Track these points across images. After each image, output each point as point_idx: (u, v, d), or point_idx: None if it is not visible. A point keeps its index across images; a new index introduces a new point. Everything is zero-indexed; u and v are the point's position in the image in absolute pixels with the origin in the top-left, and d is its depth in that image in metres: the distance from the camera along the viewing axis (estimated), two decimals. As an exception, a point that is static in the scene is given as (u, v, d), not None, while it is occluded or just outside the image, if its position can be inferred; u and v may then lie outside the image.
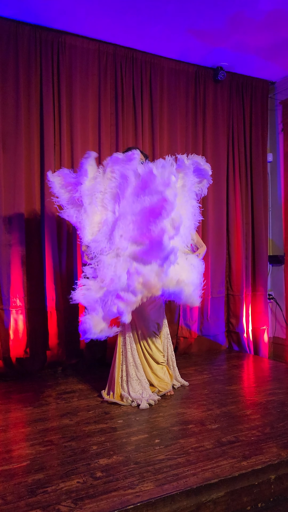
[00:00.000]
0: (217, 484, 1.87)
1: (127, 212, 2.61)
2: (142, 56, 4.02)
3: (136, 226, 2.57)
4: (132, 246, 2.59)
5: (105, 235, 2.66)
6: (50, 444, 2.26)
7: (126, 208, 2.63)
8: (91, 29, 3.65)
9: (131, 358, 2.90)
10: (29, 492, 1.80)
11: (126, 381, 2.87)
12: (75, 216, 2.78)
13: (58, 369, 3.66)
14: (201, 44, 3.92)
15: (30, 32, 3.56)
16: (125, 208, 2.63)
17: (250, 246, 4.62)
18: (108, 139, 3.90)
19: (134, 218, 2.58)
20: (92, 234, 2.72)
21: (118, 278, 2.51)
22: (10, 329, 3.47)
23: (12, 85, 3.50)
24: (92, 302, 2.55)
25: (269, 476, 1.97)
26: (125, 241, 2.60)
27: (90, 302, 2.55)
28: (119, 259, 2.59)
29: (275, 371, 3.72)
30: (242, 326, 4.50)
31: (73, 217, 2.79)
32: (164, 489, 1.81)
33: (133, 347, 2.92)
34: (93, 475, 1.93)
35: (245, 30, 3.66)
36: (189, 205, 2.79)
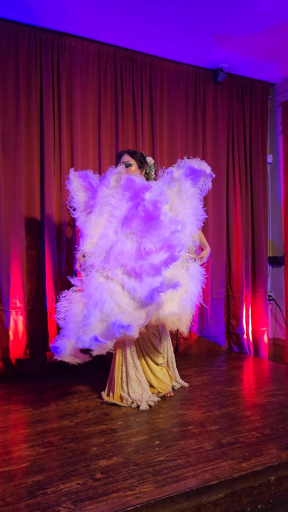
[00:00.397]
0: (217, 486, 1.86)
1: (126, 239, 2.61)
2: (142, 58, 4.02)
3: (131, 257, 2.56)
4: (122, 275, 2.57)
5: (101, 250, 2.66)
6: (49, 446, 2.26)
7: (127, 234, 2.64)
8: (91, 30, 3.66)
9: (131, 359, 2.89)
10: (29, 494, 1.80)
11: (126, 382, 2.87)
12: (82, 221, 2.78)
13: (58, 371, 3.66)
14: (201, 46, 3.92)
15: (30, 33, 3.57)
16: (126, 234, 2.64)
17: (250, 247, 4.62)
18: (108, 140, 3.91)
19: (130, 248, 2.57)
20: (91, 244, 2.71)
21: (102, 303, 2.50)
22: (10, 330, 3.47)
23: (12, 87, 3.50)
24: (68, 326, 2.53)
25: (269, 478, 1.97)
26: (117, 266, 2.59)
27: (66, 325, 2.55)
28: (109, 282, 2.57)
29: (275, 372, 3.72)
30: (242, 327, 4.50)
31: (80, 221, 2.80)
32: (164, 490, 1.80)
33: (133, 348, 2.91)
34: (93, 477, 1.93)
35: (245, 31, 3.67)
36: (187, 208, 2.78)
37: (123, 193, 2.71)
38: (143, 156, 3.05)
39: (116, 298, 2.51)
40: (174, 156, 4.19)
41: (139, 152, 3.07)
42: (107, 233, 2.70)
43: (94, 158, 3.86)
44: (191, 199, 2.82)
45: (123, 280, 2.54)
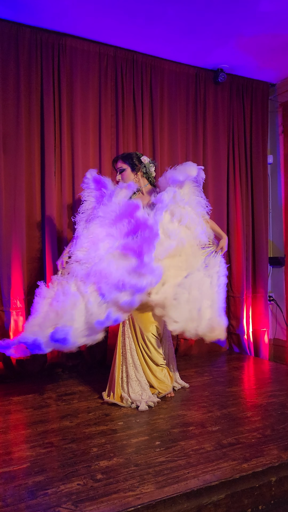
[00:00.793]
0: (217, 486, 1.86)
1: (109, 259, 2.63)
2: (143, 58, 4.03)
3: (105, 277, 2.57)
4: (90, 293, 2.58)
5: (87, 261, 2.68)
6: (50, 446, 2.26)
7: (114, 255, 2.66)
8: (92, 31, 3.66)
9: (131, 359, 2.90)
10: (30, 494, 1.80)
11: (126, 382, 2.88)
12: (82, 227, 2.82)
13: (58, 371, 3.66)
14: (201, 46, 3.92)
15: (31, 34, 3.57)
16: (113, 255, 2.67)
17: (250, 248, 4.62)
18: (109, 141, 3.91)
19: (108, 269, 2.59)
20: (82, 251, 2.74)
21: (64, 312, 2.52)
22: (11, 331, 3.47)
23: (12, 87, 3.51)
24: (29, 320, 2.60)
25: (269, 479, 1.97)
26: (91, 282, 2.59)
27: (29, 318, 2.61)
28: (78, 295, 2.58)
29: (275, 373, 3.71)
30: (243, 327, 4.50)
31: (80, 226, 2.84)
32: (165, 491, 1.80)
33: (133, 348, 2.92)
34: (93, 477, 1.93)
35: (245, 32, 3.67)
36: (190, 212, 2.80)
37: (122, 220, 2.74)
38: (137, 156, 3.05)
39: (76, 313, 2.52)
40: (174, 156, 4.19)
41: (133, 153, 3.08)
42: (99, 247, 2.71)
43: (95, 158, 3.86)
44: (190, 202, 2.83)
45: (89, 299, 2.55)
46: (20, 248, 3.51)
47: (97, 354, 3.83)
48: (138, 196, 3.02)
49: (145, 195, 3.04)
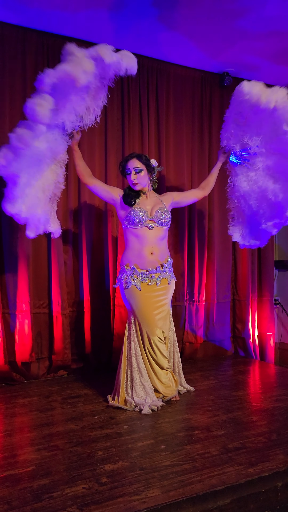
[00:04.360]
0: (223, 491, 1.85)
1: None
2: (149, 62, 4.04)
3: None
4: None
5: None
6: (55, 449, 2.26)
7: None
8: (98, 35, 3.67)
9: (135, 363, 2.90)
10: (35, 498, 1.80)
11: (131, 386, 2.87)
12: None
13: (63, 374, 3.66)
14: (207, 50, 3.93)
15: (38, 38, 3.59)
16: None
17: (256, 251, 4.61)
18: (114, 145, 3.92)
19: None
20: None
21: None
22: (16, 333, 3.48)
23: (20, 92, 3.52)
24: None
25: (276, 484, 1.96)
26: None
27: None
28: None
29: (281, 377, 3.70)
30: (248, 331, 4.48)
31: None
32: (170, 495, 1.80)
33: (138, 352, 2.92)
34: (98, 481, 1.92)
35: (251, 36, 3.67)
36: None
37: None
38: (148, 159, 3.03)
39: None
40: (180, 160, 4.19)
41: (143, 154, 3.07)
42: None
43: (101, 162, 3.87)
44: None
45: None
46: (25, 251, 3.52)
47: (102, 357, 3.83)
48: (142, 199, 3.00)
49: (148, 199, 3.02)
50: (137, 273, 2.92)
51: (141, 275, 2.91)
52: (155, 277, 2.93)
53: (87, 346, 3.73)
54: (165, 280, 2.99)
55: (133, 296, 2.93)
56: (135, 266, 2.93)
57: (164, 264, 2.99)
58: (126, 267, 2.96)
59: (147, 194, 3.03)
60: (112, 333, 3.84)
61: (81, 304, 3.74)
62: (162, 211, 2.97)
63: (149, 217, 2.93)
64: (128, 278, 2.93)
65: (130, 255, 2.97)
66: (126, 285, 2.94)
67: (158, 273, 2.94)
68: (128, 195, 2.98)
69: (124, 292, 2.97)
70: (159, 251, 2.98)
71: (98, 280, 3.86)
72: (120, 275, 3.02)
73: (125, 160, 3.01)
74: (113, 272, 3.86)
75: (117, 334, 3.82)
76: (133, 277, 2.92)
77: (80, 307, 3.74)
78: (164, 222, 2.97)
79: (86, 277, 3.73)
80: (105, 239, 3.85)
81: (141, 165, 2.94)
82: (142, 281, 2.91)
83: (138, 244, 2.94)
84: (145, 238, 2.93)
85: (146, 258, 2.93)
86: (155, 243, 2.95)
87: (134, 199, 2.96)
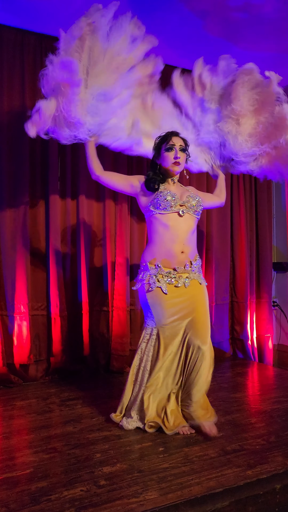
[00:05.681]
0: (221, 493, 1.85)
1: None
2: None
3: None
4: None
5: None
6: (53, 452, 2.25)
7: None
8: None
9: (141, 380, 2.52)
10: (33, 500, 1.79)
11: (133, 405, 2.53)
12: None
13: (61, 376, 3.65)
14: (206, 52, 3.93)
15: (36, 41, 3.59)
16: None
17: (254, 253, 4.61)
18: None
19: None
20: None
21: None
22: (14, 335, 3.47)
23: (18, 94, 3.52)
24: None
25: (274, 486, 1.95)
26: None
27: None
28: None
29: (280, 379, 3.69)
30: (247, 333, 4.48)
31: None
32: (168, 498, 1.79)
33: (147, 369, 2.51)
34: (96, 483, 1.92)
35: (249, 38, 3.68)
36: None
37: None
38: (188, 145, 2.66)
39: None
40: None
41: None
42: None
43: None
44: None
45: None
46: (24, 253, 3.52)
47: (101, 359, 3.82)
48: (168, 185, 2.57)
49: (174, 186, 2.58)
50: (163, 272, 2.44)
51: (167, 275, 2.43)
52: (183, 278, 2.45)
53: (86, 348, 3.72)
54: (195, 282, 2.50)
55: (158, 302, 2.42)
56: (161, 264, 2.45)
57: (193, 262, 2.51)
58: (150, 264, 2.47)
59: (174, 182, 2.59)
60: (111, 335, 3.84)
61: (79, 306, 3.73)
62: (193, 199, 2.52)
63: (179, 201, 2.47)
64: (151, 278, 2.44)
65: (156, 249, 2.48)
66: (149, 287, 2.44)
67: (186, 272, 2.47)
68: (151, 180, 2.52)
69: (145, 296, 2.46)
70: (190, 249, 2.50)
71: (97, 282, 3.85)
72: (141, 274, 2.51)
73: (168, 134, 2.55)
74: (111, 274, 3.86)
75: (115, 336, 3.82)
76: (157, 277, 2.43)
77: (79, 309, 3.74)
78: (196, 210, 2.53)
79: (84, 279, 3.72)
80: (103, 240, 3.85)
81: (185, 146, 2.55)
82: (168, 282, 2.42)
83: (167, 237, 2.45)
84: (175, 230, 2.45)
85: (176, 257, 2.45)
86: (186, 237, 2.47)
87: (158, 183, 2.52)
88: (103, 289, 3.86)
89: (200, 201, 2.55)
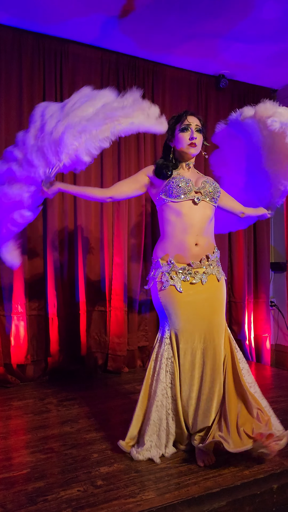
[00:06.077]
0: (219, 493, 1.85)
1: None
2: (145, 64, 4.04)
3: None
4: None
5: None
6: (50, 452, 2.24)
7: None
8: (94, 37, 3.68)
9: (161, 401, 2.17)
10: (29, 501, 1.79)
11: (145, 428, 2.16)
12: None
13: (59, 376, 3.64)
14: (203, 52, 3.94)
15: (34, 40, 3.59)
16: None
17: (252, 253, 4.62)
18: (110, 147, 3.88)
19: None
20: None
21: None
22: (11, 336, 3.46)
23: (15, 94, 3.52)
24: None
25: (271, 486, 1.95)
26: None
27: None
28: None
29: (277, 378, 3.70)
30: (244, 333, 4.48)
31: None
32: (166, 498, 1.79)
33: (168, 381, 2.21)
34: (93, 484, 1.91)
35: (247, 38, 3.68)
36: None
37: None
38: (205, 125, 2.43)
39: None
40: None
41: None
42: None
43: (97, 165, 3.86)
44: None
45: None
46: (21, 253, 3.50)
47: (98, 359, 3.81)
48: (182, 171, 2.32)
49: (189, 172, 2.33)
50: (176, 268, 2.20)
51: (181, 271, 2.19)
52: (199, 273, 2.20)
53: (83, 348, 3.72)
54: (213, 277, 2.25)
55: (171, 301, 2.19)
56: (174, 259, 2.22)
57: (210, 255, 2.26)
58: (162, 261, 2.24)
59: (190, 166, 2.33)
60: (108, 335, 3.83)
61: (77, 306, 3.73)
62: (209, 184, 2.27)
63: (193, 187, 2.23)
64: (164, 276, 2.20)
65: (168, 244, 2.24)
66: (161, 286, 2.20)
67: (203, 267, 2.22)
68: (163, 166, 2.27)
69: (158, 295, 2.23)
70: (206, 240, 2.26)
71: (94, 281, 3.85)
72: (153, 271, 2.28)
73: (182, 114, 2.34)
74: (109, 274, 3.86)
75: (113, 336, 3.81)
76: (171, 274, 2.19)
77: (76, 309, 3.73)
78: (214, 197, 2.28)
79: (82, 279, 3.72)
80: (101, 240, 3.84)
81: (201, 127, 2.30)
82: (183, 279, 2.19)
83: (180, 227, 2.21)
84: (189, 219, 2.20)
85: (189, 250, 2.21)
86: (202, 227, 2.23)
87: (170, 169, 2.27)
88: (101, 288, 3.86)
89: (217, 187, 2.31)
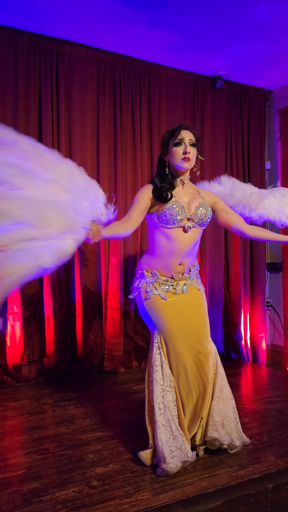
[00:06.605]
0: (214, 493, 1.85)
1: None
2: (141, 65, 4.05)
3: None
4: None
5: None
6: (46, 453, 2.24)
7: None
8: (90, 37, 3.68)
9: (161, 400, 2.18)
10: (25, 501, 1.79)
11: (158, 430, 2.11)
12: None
13: (54, 377, 3.64)
14: (199, 53, 3.95)
15: (29, 40, 3.58)
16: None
17: (248, 253, 4.63)
18: (107, 146, 3.92)
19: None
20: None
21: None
22: (7, 336, 3.46)
23: (11, 93, 3.51)
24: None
25: (266, 486, 1.96)
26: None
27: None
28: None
29: (273, 379, 3.71)
30: (240, 333, 4.49)
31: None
32: (161, 498, 1.79)
33: (167, 383, 2.22)
34: (89, 484, 1.91)
35: (243, 39, 3.69)
36: None
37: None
38: (199, 139, 2.44)
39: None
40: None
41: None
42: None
43: (93, 164, 3.87)
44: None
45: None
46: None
47: (94, 359, 3.81)
48: (178, 190, 2.31)
49: (184, 190, 2.33)
50: (160, 280, 2.30)
51: (164, 282, 2.30)
52: (181, 285, 2.31)
53: (79, 348, 3.72)
54: (194, 288, 2.36)
55: (157, 307, 2.26)
56: (158, 272, 2.31)
57: (191, 269, 2.37)
58: (146, 272, 2.33)
59: (184, 182, 2.33)
60: (104, 336, 3.83)
61: (73, 306, 3.72)
62: (203, 207, 2.30)
63: (187, 214, 2.24)
64: (148, 286, 2.29)
65: (155, 261, 2.33)
66: (146, 295, 2.29)
67: (184, 279, 2.33)
68: (161, 188, 2.25)
69: (143, 304, 2.31)
70: (190, 259, 2.35)
71: (91, 282, 3.85)
72: (137, 282, 2.36)
73: (176, 128, 2.30)
74: (105, 274, 3.85)
75: (109, 336, 3.81)
76: (154, 285, 2.29)
77: (72, 309, 3.73)
78: (204, 222, 2.32)
79: (78, 279, 3.71)
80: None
81: (195, 141, 2.29)
82: (166, 289, 2.29)
83: (168, 250, 2.29)
84: (177, 243, 2.27)
85: (173, 268, 2.31)
86: (188, 250, 2.30)
87: (169, 192, 2.25)
88: (97, 289, 3.85)
89: (209, 210, 2.34)
